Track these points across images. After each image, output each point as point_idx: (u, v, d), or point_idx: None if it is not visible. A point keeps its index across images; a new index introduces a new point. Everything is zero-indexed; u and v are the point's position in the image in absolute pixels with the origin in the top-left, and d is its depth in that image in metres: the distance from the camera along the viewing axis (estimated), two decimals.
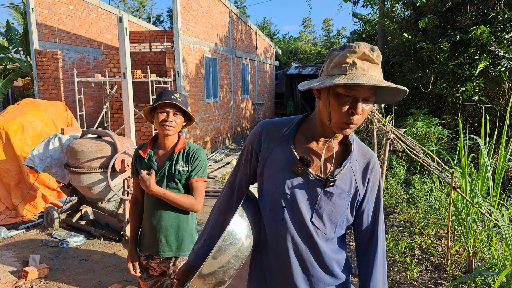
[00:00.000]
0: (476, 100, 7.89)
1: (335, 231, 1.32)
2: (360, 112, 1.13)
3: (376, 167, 1.33)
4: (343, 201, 1.28)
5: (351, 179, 1.29)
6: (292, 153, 1.28)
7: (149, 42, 11.47)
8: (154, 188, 1.98)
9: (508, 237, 2.68)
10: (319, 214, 1.27)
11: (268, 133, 1.34)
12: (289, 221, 1.28)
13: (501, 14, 7.68)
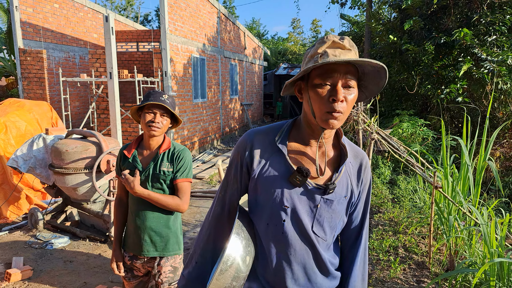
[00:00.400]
0: (459, 102, 8.05)
1: (334, 236, 1.30)
2: (341, 98, 1.09)
3: (368, 167, 1.32)
4: (341, 206, 1.26)
5: (347, 182, 1.26)
6: (288, 164, 1.22)
7: (136, 42, 11.38)
8: (138, 189, 1.98)
9: (487, 235, 2.75)
10: (320, 223, 1.24)
11: (259, 144, 1.27)
12: (290, 234, 1.23)
13: (484, 17, 7.85)
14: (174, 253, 2.17)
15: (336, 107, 1.09)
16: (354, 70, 1.13)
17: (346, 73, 1.10)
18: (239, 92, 14.49)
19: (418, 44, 8.42)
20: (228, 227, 1.35)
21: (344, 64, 1.11)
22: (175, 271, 2.17)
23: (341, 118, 1.13)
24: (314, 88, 1.12)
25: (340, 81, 1.10)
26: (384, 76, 1.14)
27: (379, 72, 1.13)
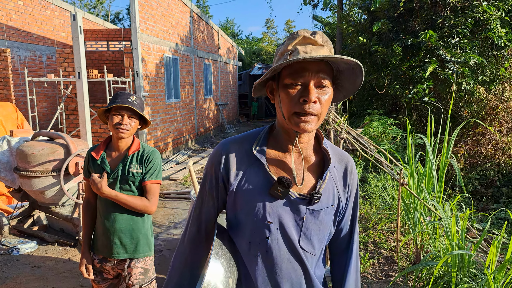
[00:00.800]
0: (426, 101, 8.35)
1: (322, 249, 1.21)
2: (313, 98, 1.00)
3: (354, 170, 1.22)
4: (329, 216, 1.15)
5: (333, 189, 1.16)
6: (267, 175, 1.11)
7: (106, 41, 11.13)
8: (105, 190, 1.96)
9: (448, 229, 2.89)
10: (307, 236, 1.13)
11: (234, 154, 1.15)
12: (275, 252, 1.12)
13: (447, 20, 8.18)
14: (145, 254, 2.16)
15: (307, 109, 1.00)
16: (327, 68, 1.04)
17: (318, 72, 1.01)
18: (213, 92, 14.45)
19: (386, 46, 8.67)
20: (206, 249, 1.23)
21: (316, 61, 1.01)
22: (145, 273, 2.17)
23: (314, 121, 1.03)
24: (285, 88, 1.03)
25: (312, 80, 1.01)
26: (359, 74, 1.05)
27: (354, 70, 1.05)
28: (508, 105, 8.72)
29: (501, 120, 8.50)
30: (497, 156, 7.38)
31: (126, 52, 8.26)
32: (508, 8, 8.51)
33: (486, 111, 8.82)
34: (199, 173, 8.15)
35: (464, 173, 6.97)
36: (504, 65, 8.98)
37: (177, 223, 5.09)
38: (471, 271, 2.93)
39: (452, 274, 2.81)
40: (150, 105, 8.87)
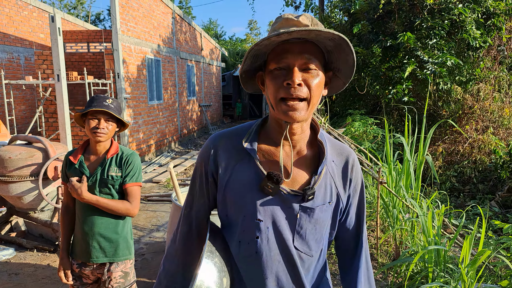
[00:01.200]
0: (405, 101, 8.53)
1: (321, 250, 1.13)
2: (297, 81, 0.92)
3: (356, 165, 1.13)
4: (325, 213, 1.07)
5: (331, 185, 1.07)
6: (258, 170, 1.04)
7: (87, 42, 10.97)
8: (86, 195, 1.95)
9: (425, 225, 2.98)
10: (302, 236, 1.06)
11: (224, 149, 1.09)
12: (265, 253, 1.05)
13: (425, 22, 8.39)
14: (125, 258, 2.15)
15: (292, 92, 0.93)
16: (314, 49, 0.96)
17: (302, 53, 0.94)
18: (197, 94, 14.39)
19: (366, 47, 8.83)
20: (199, 248, 1.18)
21: (299, 42, 0.95)
22: (126, 276, 2.16)
23: (303, 108, 0.96)
24: (270, 74, 0.98)
25: (295, 62, 0.94)
26: (348, 51, 0.95)
27: (341, 46, 0.95)
28: (483, 104, 9.00)
29: (477, 118, 8.76)
30: (474, 154, 7.60)
31: (107, 54, 8.15)
32: (482, 10, 8.78)
33: (463, 110, 9.07)
34: (182, 175, 8.11)
35: (443, 171, 7.15)
36: (480, 66, 9.26)
37: (160, 226, 5.06)
38: (447, 265, 3.02)
39: (428, 269, 2.90)
40: (132, 107, 8.78)
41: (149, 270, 3.78)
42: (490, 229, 4.46)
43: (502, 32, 9.03)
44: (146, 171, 8.29)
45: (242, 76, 1.08)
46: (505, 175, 6.16)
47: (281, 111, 0.96)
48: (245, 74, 1.08)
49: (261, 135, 1.10)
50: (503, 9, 8.71)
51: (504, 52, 9.58)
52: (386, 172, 4.07)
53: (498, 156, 6.59)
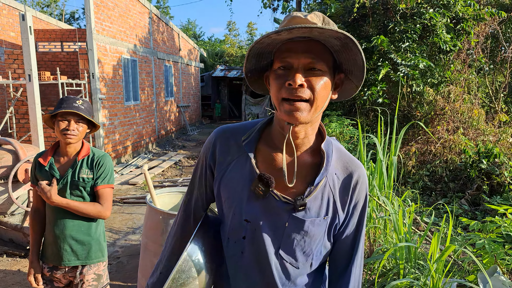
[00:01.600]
0: (380, 102, 8.74)
1: (312, 264, 1.06)
2: (298, 81, 0.88)
3: (362, 182, 1.04)
4: (318, 227, 1.01)
5: (329, 199, 1.01)
6: (252, 169, 1.01)
7: (60, 41, 10.70)
8: (56, 199, 1.92)
9: (396, 223, 3.07)
10: (289, 246, 1.02)
11: (224, 143, 1.08)
12: (250, 255, 1.03)
13: (398, 25, 8.63)
14: (97, 260, 2.13)
15: (294, 93, 0.89)
16: (320, 48, 0.92)
17: (306, 52, 0.90)
18: (175, 94, 14.27)
19: None
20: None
21: (304, 41, 0.90)
22: (99, 279, 2.14)
23: (306, 109, 0.91)
24: (273, 74, 0.95)
25: (297, 61, 0.90)
26: (356, 50, 0.90)
27: (348, 46, 0.90)
28: (454, 105, 9.33)
29: (448, 119, 9.07)
30: (445, 153, 7.87)
31: (82, 54, 7.98)
32: (452, 15, 9.11)
33: (435, 111, 9.37)
34: (160, 177, 8.03)
35: (416, 170, 7.37)
36: (450, 68, 9.60)
37: (136, 228, 5.00)
38: (418, 262, 3.13)
39: (400, 266, 2.99)
40: (108, 107, 8.63)
41: (124, 273, 3.73)
42: (459, 226, 4.63)
43: (471, 36, 9.40)
44: (122, 173, 8.16)
45: (248, 75, 1.05)
46: (474, 174, 6.41)
47: (283, 111, 0.92)
48: (251, 73, 1.04)
49: (264, 135, 1.07)
50: (472, 14, 9.07)
51: (473, 56, 9.96)
52: None
53: (468, 155, 6.84)
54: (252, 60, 0.99)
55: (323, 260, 1.09)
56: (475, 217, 5.42)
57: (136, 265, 3.85)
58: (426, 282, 2.66)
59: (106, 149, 8.55)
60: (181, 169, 8.93)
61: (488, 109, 10.53)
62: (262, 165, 1.02)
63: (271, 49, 0.97)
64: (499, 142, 7.54)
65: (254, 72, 1.05)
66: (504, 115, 9.06)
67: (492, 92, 10.79)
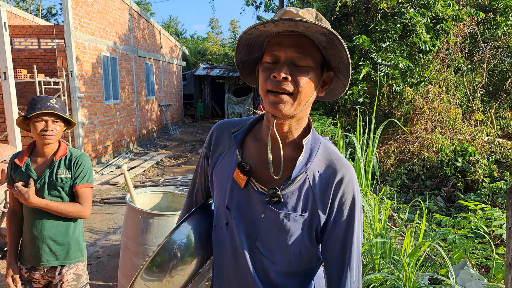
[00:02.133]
0: (361, 102, 8.89)
1: (291, 263, 1.03)
2: (282, 74, 0.89)
3: (347, 183, 0.99)
4: (295, 223, 0.99)
5: (307, 196, 1.00)
6: (237, 159, 1.05)
7: (37, 38, 10.45)
8: (34, 200, 1.91)
9: (371, 220, 3.16)
10: (265, 238, 1.02)
11: (219, 135, 1.14)
12: (231, 243, 1.05)
13: (379, 25, 8.78)
14: (77, 260, 2.12)
15: (278, 85, 0.90)
16: (308, 44, 0.93)
17: (292, 46, 0.91)
18: (156, 93, 14.13)
19: None
20: None
21: (292, 35, 0.92)
22: (78, 279, 2.13)
23: (289, 102, 0.92)
24: (261, 67, 0.97)
25: (283, 55, 0.92)
26: (341, 47, 0.91)
27: (333, 42, 0.91)
28: (432, 105, 9.57)
29: (426, 119, 9.30)
30: (423, 152, 8.07)
31: (59, 51, 7.82)
32: (432, 15, 9.33)
33: (414, 110, 9.60)
34: (142, 177, 7.96)
35: (394, 169, 7.54)
36: (429, 68, 9.84)
37: (116, 228, 4.96)
38: (393, 257, 3.22)
39: (375, 261, 3.08)
40: (87, 106, 8.49)
41: (104, 273, 3.71)
42: (434, 222, 4.78)
43: (450, 36, 9.64)
44: (103, 173, 8.05)
45: (240, 66, 1.07)
46: (450, 172, 6.61)
47: (268, 102, 0.94)
48: (242, 65, 1.07)
49: (253, 129, 1.10)
50: (451, 15, 9.31)
51: (452, 56, 10.22)
52: None
53: (444, 154, 7.04)
54: (242, 51, 1.01)
55: (306, 262, 1.05)
56: (450, 213, 5.60)
57: (116, 265, 3.83)
58: (400, 276, 2.75)
59: (86, 149, 8.42)
60: (163, 168, 8.88)
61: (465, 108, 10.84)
62: (248, 156, 1.05)
63: (261, 42, 0.99)
64: (475, 140, 7.79)
65: (246, 64, 1.07)
66: (480, 114, 9.35)
67: (469, 92, 11.11)
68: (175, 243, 1.06)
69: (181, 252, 1.06)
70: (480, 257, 3.16)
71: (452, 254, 3.15)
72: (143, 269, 1.04)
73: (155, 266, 1.04)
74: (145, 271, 1.04)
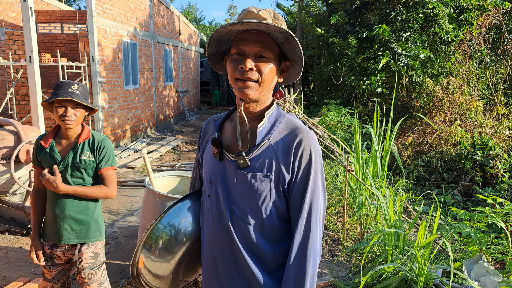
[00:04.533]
0: (379, 92, 8.77)
1: (264, 223, 1.16)
2: (248, 65, 1.07)
3: (305, 145, 1.14)
4: (261, 183, 1.13)
5: (272, 159, 1.14)
6: None
7: (60, 23, 10.64)
8: (62, 188, 2.01)
9: (386, 211, 3.17)
10: (237, 199, 1.16)
11: (206, 127, 1.35)
12: (213, 212, 1.20)
13: (400, 15, 8.59)
14: (96, 239, 2.22)
15: (245, 74, 1.09)
16: (269, 40, 1.11)
17: (256, 42, 1.09)
18: (174, 79, 14.25)
19: (343, 38, 8.98)
20: None
21: (255, 33, 1.10)
22: (96, 257, 2.23)
23: (254, 87, 1.11)
24: (230, 58, 1.14)
25: (248, 49, 1.09)
26: (295, 43, 1.11)
27: (289, 39, 1.11)
28: (452, 97, 9.36)
29: (446, 111, 9.12)
30: (441, 144, 7.95)
31: (82, 36, 7.95)
32: (455, 5, 9.05)
33: (433, 102, 9.41)
34: (158, 161, 8.11)
35: (411, 161, 7.46)
36: (451, 59, 9.58)
37: (134, 210, 5.11)
38: (406, 248, 3.24)
39: (388, 252, 3.10)
40: (107, 91, 8.65)
41: (122, 253, 3.85)
42: (449, 215, 4.74)
43: (473, 27, 9.35)
44: (121, 157, 8.24)
45: (210, 57, 1.25)
46: (468, 166, 6.50)
47: (237, 88, 1.12)
48: (212, 56, 1.25)
49: (231, 116, 1.30)
50: (475, 5, 9.01)
51: (475, 47, 9.92)
52: (354, 161, 4.25)
53: (463, 147, 6.93)
54: (213, 46, 1.20)
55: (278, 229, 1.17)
56: (467, 207, 5.54)
57: (133, 245, 3.97)
58: (413, 267, 2.77)
59: (105, 132, 8.61)
60: (179, 154, 9.02)
61: (487, 101, 10.56)
62: (224, 136, 1.25)
63: (229, 37, 1.17)
64: (495, 134, 7.61)
65: (215, 56, 1.26)
66: (502, 108, 9.09)
67: (492, 84, 10.79)
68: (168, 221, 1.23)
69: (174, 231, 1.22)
70: (496, 252, 3.15)
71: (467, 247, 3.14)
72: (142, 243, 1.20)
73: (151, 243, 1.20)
74: (143, 246, 1.20)
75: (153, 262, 1.22)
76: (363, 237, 3.95)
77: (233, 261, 1.18)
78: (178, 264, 1.24)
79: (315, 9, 11.49)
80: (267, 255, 1.17)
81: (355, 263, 3.39)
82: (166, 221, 1.23)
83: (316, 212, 1.15)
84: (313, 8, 11.59)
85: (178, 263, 1.24)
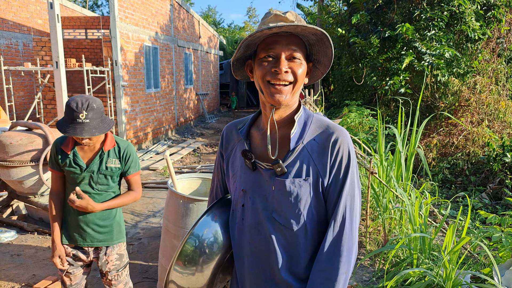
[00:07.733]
0: (402, 93, 8.59)
1: (306, 227, 1.15)
2: (284, 68, 1.07)
3: (341, 142, 1.13)
4: (301, 188, 1.12)
5: (308, 162, 1.13)
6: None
7: (85, 29, 10.94)
8: (98, 207, 2.04)
9: (411, 215, 3.09)
10: (278, 207, 1.15)
11: (228, 134, 1.32)
12: (248, 220, 1.19)
13: (424, 13, 8.39)
14: (119, 241, 2.25)
15: (280, 77, 1.07)
16: (299, 42, 1.11)
17: (288, 44, 1.08)
18: (194, 82, 14.40)
19: (364, 38, 8.85)
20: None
21: (286, 35, 1.09)
22: (121, 258, 2.26)
23: (288, 91, 1.09)
24: (259, 62, 1.11)
25: (283, 52, 1.08)
26: (328, 44, 1.11)
27: (322, 40, 1.11)
28: (480, 96, 9.06)
29: (472, 111, 8.83)
30: (468, 146, 7.70)
31: (105, 41, 8.16)
32: (483, 1, 8.76)
33: (459, 102, 9.14)
34: (179, 163, 8.21)
35: (436, 163, 7.26)
36: (478, 58, 9.28)
37: (156, 212, 5.18)
38: (432, 253, 3.15)
39: (413, 256, 3.02)
40: (130, 94, 8.82)
41: (145, 254, 3.90)
42: (477, 219, 4.58)
43: (502, 24, 9.03)
44: (143, 159, 8.38)
45: (234, 63, 1.22)
46: (497, 168, 6.27)
47: (268, 93, 1.09)
48: (237, 61, 1.22)
49: (255, 123, 1.27)
50: (504, 1, 8.70)
51: (503, 45, 9.58)
52: (378, 163, 4.17)
53: (492, 148, 6.69)
54: (241, 51, 1.15)
55: (321, 224, 1.17)
56: (496, 211, 5.34)
57: (156, 246, 4.02)
58: (440, 272, 2.69)
59: (128, 135, 8.78)
60: (199, 156, 9.09)
61: None
62: (254, 144, 1.22)
63: (256, 42, 1.14)
64: None
65: (239, 61, 1.22)
66: None
67: None
68: (198, 236, 1.20)
69: (205, 244, 1.20)
70: None
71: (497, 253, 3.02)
72: (173, 263, 1.17)
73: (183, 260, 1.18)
74: (175, 264, 1.17)
75: (187, 276, 1.20)
76: (387, 240, 3.87)
77: (270, 270, 1.18)
78: (212, 276, 1.23)
79: (335, 9, 11.38)
80: (307, 261, 1.17)
81: (379, 267, 3.31)
82: (197, 234, 1.20)
83: (352, 209, 1.14)
84: (334, 8, 11.47)
85: (212, 274, 1.23)
